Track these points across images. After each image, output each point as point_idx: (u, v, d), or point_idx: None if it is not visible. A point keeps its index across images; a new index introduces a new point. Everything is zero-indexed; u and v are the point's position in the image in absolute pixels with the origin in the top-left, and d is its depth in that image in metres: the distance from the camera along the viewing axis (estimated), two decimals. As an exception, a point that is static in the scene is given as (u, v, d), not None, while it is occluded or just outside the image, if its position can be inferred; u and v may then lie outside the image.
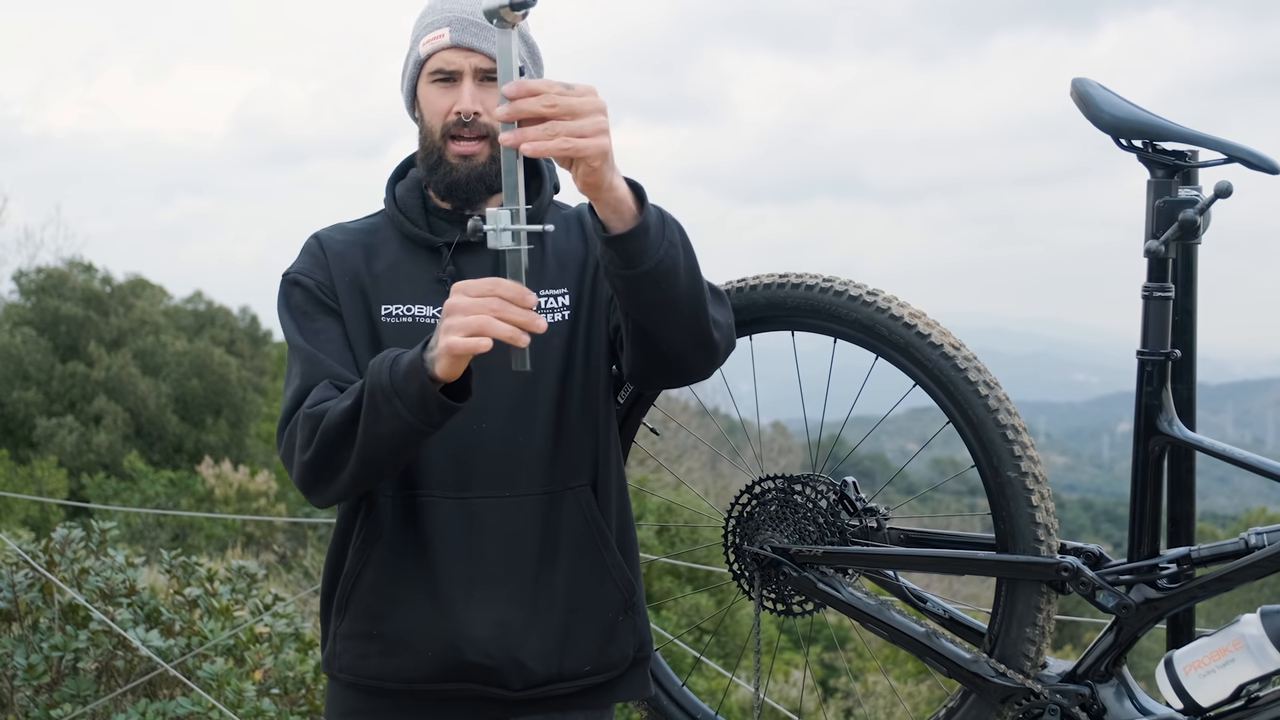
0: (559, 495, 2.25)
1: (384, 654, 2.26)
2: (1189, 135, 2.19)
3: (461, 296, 1.92)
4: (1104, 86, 2.27)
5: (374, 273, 2.29)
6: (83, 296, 26.95)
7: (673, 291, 2.02)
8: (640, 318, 2.06)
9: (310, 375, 2.18)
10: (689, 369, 2.16)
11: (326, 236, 2.35)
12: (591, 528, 2.27)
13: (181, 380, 25.74)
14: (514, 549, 2.22)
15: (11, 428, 24.26)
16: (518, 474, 2.23)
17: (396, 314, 2.26)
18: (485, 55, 2.22)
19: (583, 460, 2.28)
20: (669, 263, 2.00)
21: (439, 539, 2.22)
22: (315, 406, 2.12)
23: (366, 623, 2.27)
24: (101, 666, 4.86)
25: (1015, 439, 2.24)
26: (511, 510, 2.22)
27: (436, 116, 2.25)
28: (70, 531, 5.19)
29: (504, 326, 1.89)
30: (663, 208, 2.05)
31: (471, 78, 2.23)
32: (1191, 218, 2.17)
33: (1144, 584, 2.23)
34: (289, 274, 2.31)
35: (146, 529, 17.37)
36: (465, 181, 2.25)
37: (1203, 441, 2.22)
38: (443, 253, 2.28)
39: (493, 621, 2.21)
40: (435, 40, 2.23)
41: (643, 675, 2.41)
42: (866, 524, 2.46)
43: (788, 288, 2.43)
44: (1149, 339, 2.22)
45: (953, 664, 2.34)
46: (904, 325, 2.32)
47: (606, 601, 2.29)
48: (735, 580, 2.55)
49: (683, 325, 2.07)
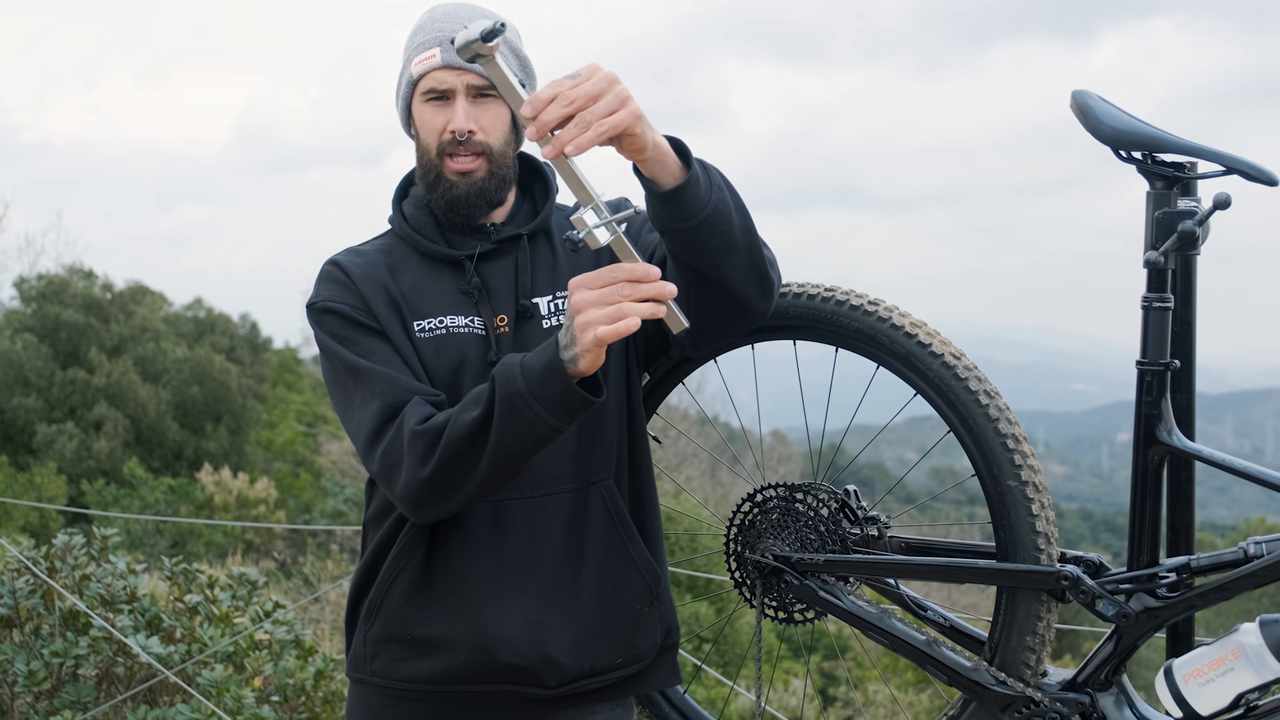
0: (584, 491, 2.28)
1: (418, 657, 2.28)
2: (1188, 147, 2.20)
3: (586, 291, 1.96)
4: (1103, 99, 2.28)
5: (402, 290, 2.30)
6: (83, 303, 26.93)
7: (729, 234, 2.09)
8: (702, 265, 2.11)
9: (393, 393, 2.18)
10: (749, 307, 2.20)
11: (346, 262, 2.34)
12: (616, 520, 2.30)
13: (181, 387, 25.71)
14: (542, 548, 2.25)
15: (11, 434, 24.23)
16: (544, 473, 2.25)
17: (430, 328, 2.27)
18: (477, 73, 2.23)
19: (606, 454, 2.31)
20: (722, 208, 2.07)
21: (469, 541, 2.24)
22: (426, 423, 2.12)
23: (400, 626, 2.29)
24: (102, 673, 4.87)
25: (1015, 448, 2.25)
26: (539, 510, 2.25)
27: (432, 135, 2.28)
28: (72, 538, 5.20)
29: (641, 305, 1.93)
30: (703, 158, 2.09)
31: (464, 95, 2.24)
32: (1191, 229, 2.18)
33: (1144, 593, 2.23)
34: (317, 304, 2.30)
35: (146, 536, 17.36)
36: (465, 198, 2.27)
37: (1202, 451, 2.23)
38: (465, 265, 2.30)
39: (523, 621, 2.23)
40: (427, 60, 2.25)
41: (671, 663, 2.44)
42: (868, 532, 2.47)
43: (789, 297, 2.44)
44: (1148, 349, 2.23)
45: (953, 672, 2.35)
46: (905, 335, 2.33)
47: (633, 594, 2.32)
48: (737, 588, 2.56)
49: (742, 263, 2.13)
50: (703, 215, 2.04)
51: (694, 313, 2.16)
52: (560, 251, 2.37)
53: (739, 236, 2.11)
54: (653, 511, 2.41)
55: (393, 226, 2.40)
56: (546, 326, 2.30)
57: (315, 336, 2.31)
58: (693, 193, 2.03)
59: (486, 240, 2.33)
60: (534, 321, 2.30)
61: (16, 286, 27.98)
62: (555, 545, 2.26)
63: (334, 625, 9.68)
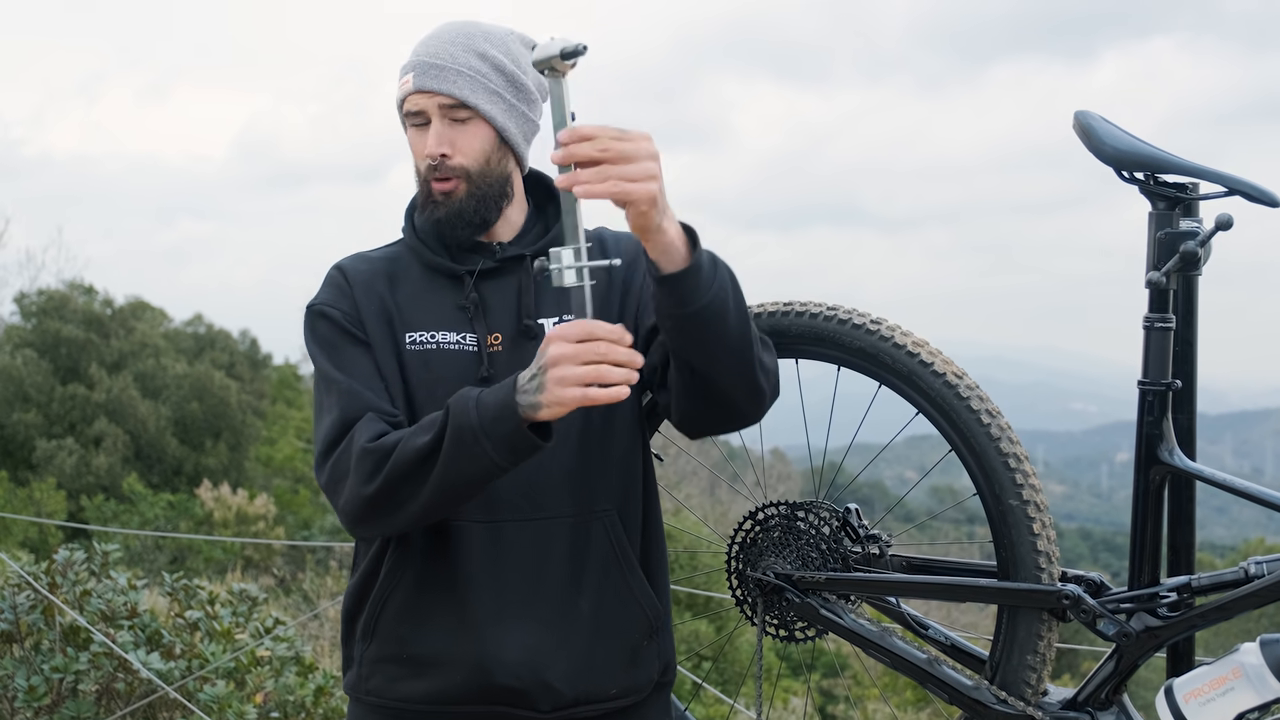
0: (585, 519, 2.27)
1: (414, 676, 2.27)
2: (1190, 168, 2.21)
3: (563, 344, 1.96)
4: (1106, 119, 2.29)
5: (397, 301, 2.32)
6: (84, 319, 26.95)
7: (722, 332, 2.08)
8: (690, 358, 2.11)
9: (350, 408, 2.21)
10: (736, 412, 2.21)
11: (350, 266, 2.37)
12: (618, 552, 2.29)
13: (181, 403, 25.71)
14: (541, 572, 2.24)
15: (11, 449, 24.22)
16: (544, 497, 2.25)
17: (420, 341, 2.28)
18: (445, 95, 2.24)
19: (610, 485, 2.30)
20: (719, 304, 2.06)
21: (467, 562, 2.23)
22: (377, 441, 2.14)
23: (396, 646, 2.29)
24: (102, 689, 4.87)
25: (1017, 467, 2.26)
26: (539, 533, 2.24)
27: (418, 158, 2.30)
28: (73, 553, 5.20)
29: (617, 372, 1.95)
30: (714, 252, 2.10)
31: (438, 118, 2.25)
32: (1193, 250, 2.19)
33: (1144, 612, 2.24)
34: (314, 306, 2.33)
35: (145, 551, 17.34)
36: (446, 219, 2.28)
37: (1203, 471, 2.23)
38: (465, 281, 2.31)
39: (521, 644, 2.22)
40: (404, 85, 2.27)
41: (665, 700, 2.43)
42: (869, 551, 2.47)
43: (792, 315, 2.45)
44: (1150, 369, 2.23)
45: (954, 691, 2.35)
46: (907, 354, 2.34)
47: (632, 626, 2.31)
48: (738, 605, 2.56)
49: (731, 367, 2.12)
50: (695, 307, 2.04)
51: (681, 403, 2.19)
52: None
53: (732, 337, 2.10)
54: (659, 546, 2.40)
55: (403, 236, 2.41)
56: None
57: (305, 338, 2.34)
58: (690, 283, 2.03)
59: (491, 258, 2.33)
60: (537, 342, 2.28)
61: (17, 302, 28.03)
62: (555, 571, 2.25)
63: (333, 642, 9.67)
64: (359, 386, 2.23)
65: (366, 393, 2.23)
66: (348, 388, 2.23)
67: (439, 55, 2.26)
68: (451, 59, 2.25)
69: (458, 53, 2.26)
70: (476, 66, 2.27)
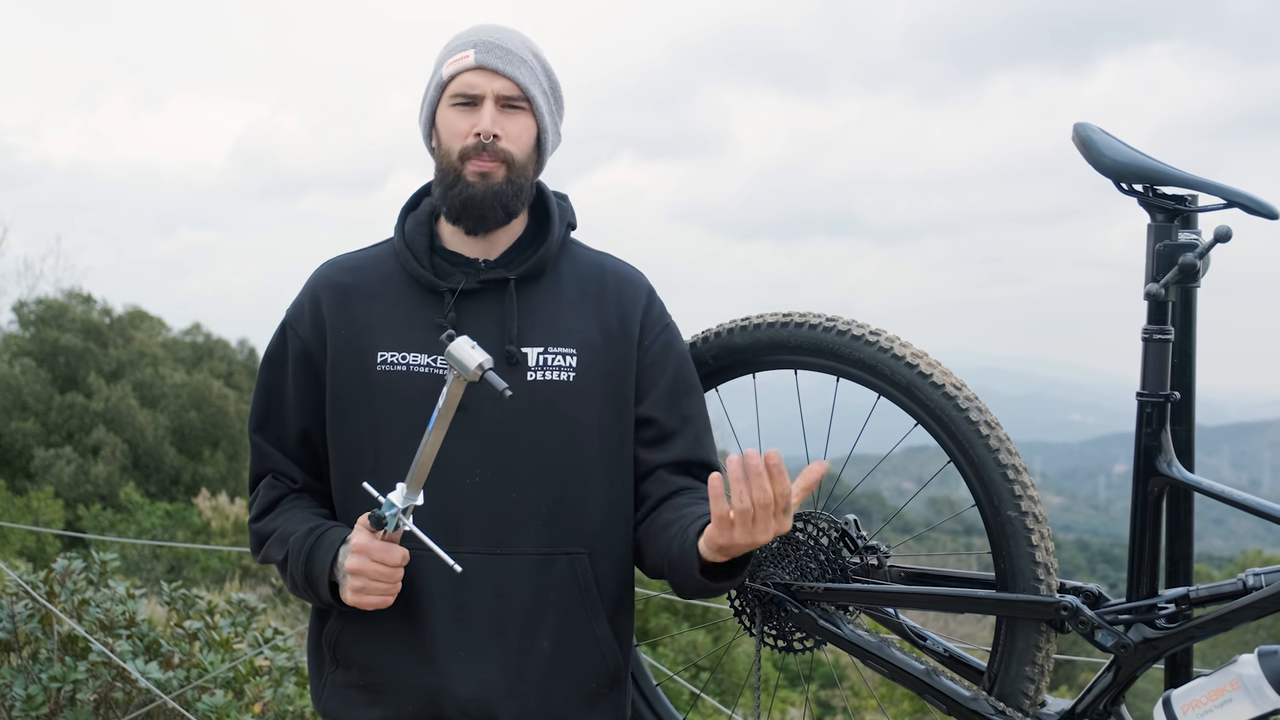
0: (552, 559, 2.24)
1: (369, 703, 2.26)
2: (1189, 180, 2.21)
3: (368, 562, 2.08)
4: (1105, 131, 2.30)
5: (372, 317, 2.28)
6: (82, 328, 26.95)
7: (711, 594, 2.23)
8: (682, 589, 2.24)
9: (257, 466, 2.38)
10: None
11: (329, 280, 2.34)
12: (585, 597, 2.26)
13: (179, 412, 25.70)
14: (503, 608, 2.21)
15: (9, 458, 24.21)
16: (509, 532, 2.22)
17: (391, 362, 2.25)
18: (510, 81, 2.21)
19: (582, 526, 2.26)
20: (718, 591, 2.22)
21: (430, 592, 2.21)
22: (259, 522, 2.33)
23: (356, 672, 2.28)
24: (100, 698, 4.86)
25: (1016, 479, 2.26)
26: (502, 568, 2.21)
27: (455, 138, 2.23)
28: (71, 562, 5.19)
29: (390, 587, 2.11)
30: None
31: (493, 102, 2.21)
32: (1191, 261, 2.19)
33: (1143, 623, 2.24)
34: (287, 317, 2.36)
35: (143, 561, 17.31)
36: (481, 198, 2.22)
37: (1201, 483, 2.23)
38: (445, 298, 2.26)
39: (476, 680, 2.20)
40: (460, 61, 2.21)
41: None
42: (867, 561, 2.47)
43: (791, 326, 2.45)
44: (1148, 381, 2.24)
45: (952, 702, 2.35)
46: (906, 365, 2.34)
47: (590, 674, 2.29)
48: (736, 616, 2.56)
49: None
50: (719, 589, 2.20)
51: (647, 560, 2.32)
52: (562, 307, 2.30)
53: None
54: (625, 598, 2.36)
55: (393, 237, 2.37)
56: (531, 379, 2.23)
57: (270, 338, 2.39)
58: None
59: (474, 277, 2.27)
60: (518, 370, 2.23)
61: (15, 311, 28.04)
62: (516, 608, 2.21)
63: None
64: (267, 446, 2.35)
65: (273, 453, 2.34)
66: (258, 445, 2.36)
67: (503, 39, 2.22)
68: (516, 46, 2.22)
69: (518, 44, 2.23)
70: (532, 63, 2.24)
